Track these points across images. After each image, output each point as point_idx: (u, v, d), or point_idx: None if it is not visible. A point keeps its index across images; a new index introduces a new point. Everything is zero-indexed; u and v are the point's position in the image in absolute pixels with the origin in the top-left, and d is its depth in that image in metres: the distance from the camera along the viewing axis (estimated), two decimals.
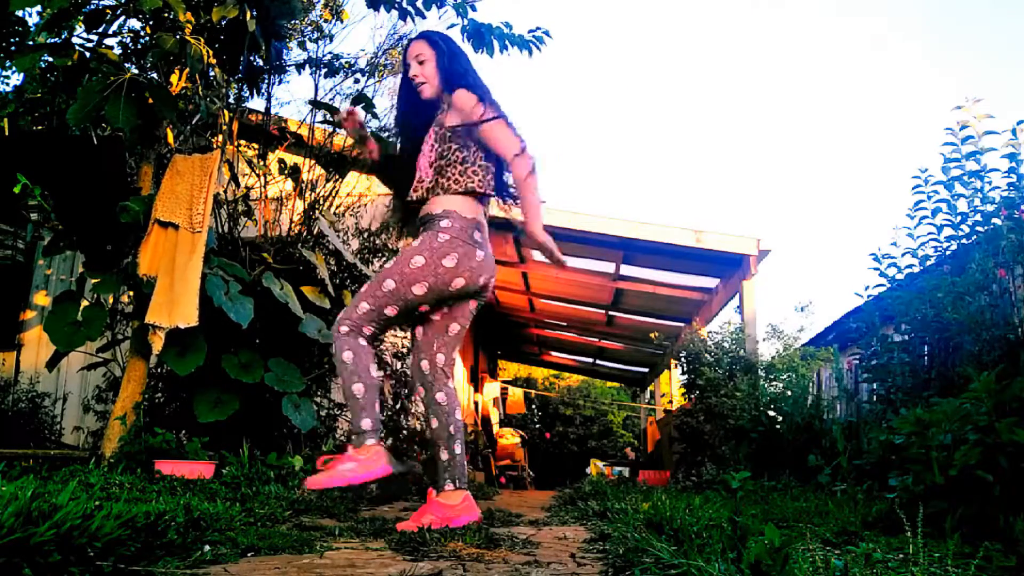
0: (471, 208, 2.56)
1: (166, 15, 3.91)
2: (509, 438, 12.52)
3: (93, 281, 3.71)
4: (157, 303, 3.54)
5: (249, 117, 5.47)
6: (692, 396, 7.16)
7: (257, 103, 10.84)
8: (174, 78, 4.06)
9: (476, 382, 13.49)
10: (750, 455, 5.09)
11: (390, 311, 2.48)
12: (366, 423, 2.45)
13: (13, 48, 4.63)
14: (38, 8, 4.59)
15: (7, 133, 4.38)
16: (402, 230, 2.91)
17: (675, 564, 1.37)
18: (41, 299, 7.46)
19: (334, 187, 5.40)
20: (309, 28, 5.62)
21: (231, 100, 4.80)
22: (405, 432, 6.23)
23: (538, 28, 4.35)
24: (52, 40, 4.12)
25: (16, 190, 3.55)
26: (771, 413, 5.25)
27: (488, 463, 10.61)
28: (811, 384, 5.64)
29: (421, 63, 2.62)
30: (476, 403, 12.99)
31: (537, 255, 2.46)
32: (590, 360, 15.71)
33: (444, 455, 2.57)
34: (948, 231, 3.69)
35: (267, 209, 4.93)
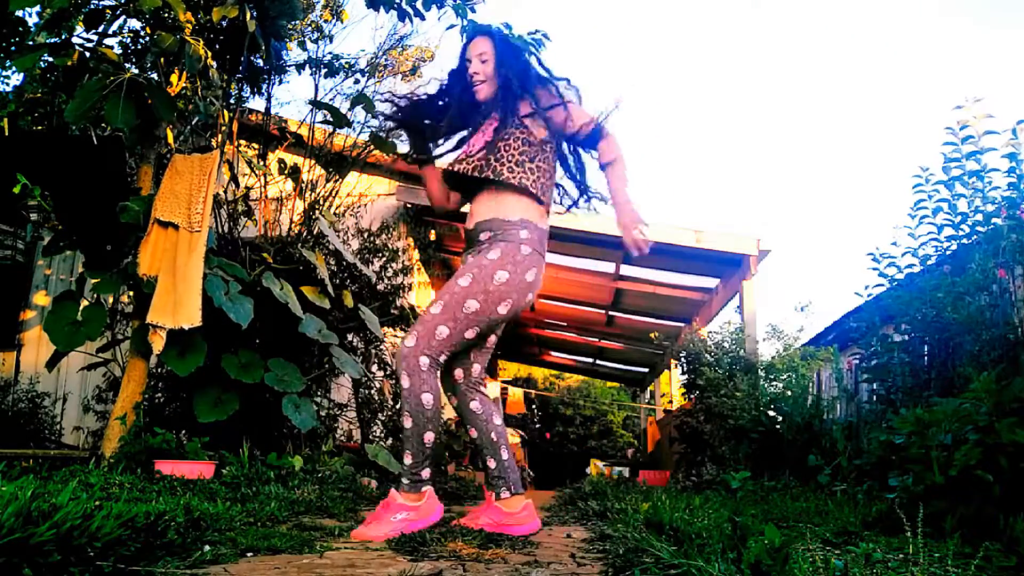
0: (542, 217, 2.48)
1: (166, 15, 3.91)
2: (509, 438, 12.50)
3: (93, 281, 3.71)
4: (159, 303, 3.54)
5: (249, 117, 5.47)
6: (692, 396, 7.16)
7: (257, 103, 10.85)
8: (174, 78, 4.06)
9: None
10: (750, 455, 5.09)
11: (470, 334, 2.34)
12: (427, 472, 2.35)
13: (13, 48, 4.63)
14: (38, 8, 4.59)
15: (7, 133, 4.38)
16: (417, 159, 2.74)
17: (675, 564, 1.37)
18: (41, 299, 7.46)
19: (334, 187, 5.40)
20: (309, 28, 5.63)
21: (231, 100, 4.80)
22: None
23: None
24: (52, 40, 4.12)
25: (16, 190, 3.54)
26: (771, 413, 5.25)
27: None
28: (811, 384, 5.63)
29: (484, 62, 2.53)
30: None
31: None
32: (590, 360, 15.69)
33: (491, 463, 2.46)
34: (948, 231, 3.68)
35: (267, 209, 4.93)
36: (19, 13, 4.49)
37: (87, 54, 3.88)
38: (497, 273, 2.32)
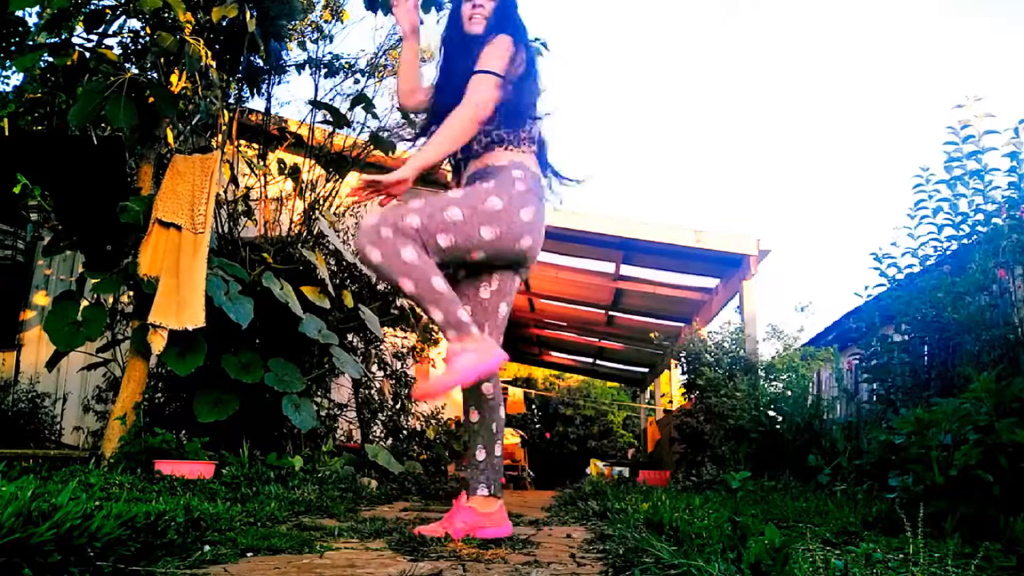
0: (535, 163, 2.36)
1: (166, 15, 3.91)
2: (509, 438, 12.52)
3: (93, 281, 3.71)
4: (161, 304, 3.54)
5: (249, 117, 5.47)
6: (692, 396, 7.16)
7: (257, 103, 10.85)
8: (174, 78, 4.06)
9: None
10: (750, 455, 5.08)
11: (444, 242, 2.11)
12: (464, 315, 2.12)
13: (13, 48, 4.63)
14: (38, 8, 4.59)
15: (7, 133, 4.38)
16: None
17: (675, 564, 1.37)
18: (41, 299, 7.46)
19: (334, 187, 5.40)
20: (309, 28, 5.63)
21: (231, 100, 4.80)
22: (405, 432, 6.24)
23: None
24: (52, 40, 4.12)
25: (16, 190, 3.54)
26: (771, 413, 5.25)
27: None
28: (811, 384, 5.63)
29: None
30: None
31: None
32: (590, 360, 15.70)
33: (481, 455, 2.29)
34: (949, 231, 3.68)
35: (267, 209, 4.93)
36: (19, 13, 4.49)
37: (87, 54, 3.89)
38: (491, 199, 2.18)
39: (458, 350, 2.09)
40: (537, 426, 18.87)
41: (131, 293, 3.92)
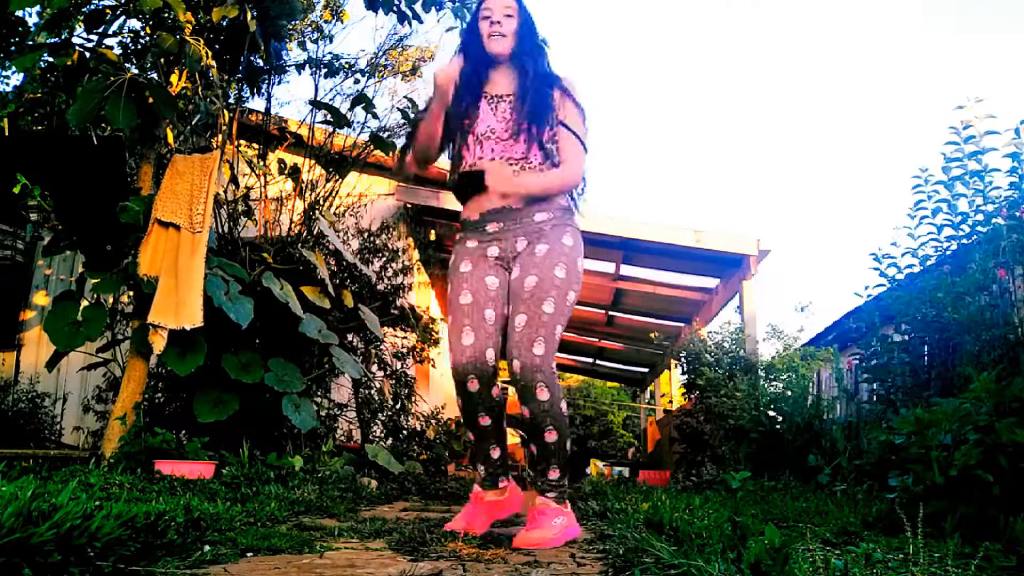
0: (566, 198, 2.42)
1: (166, 15, 3.91)
2: (509, 438, 12.52)
3: (93, 281, 3.71)
4: (160, 303, 3.54)
5: (249, 117, 5.47)
6: (692, 396, 7.16)
7: (257, 103, 10.85)
8: (174, 78, 4.06)
9: None
10: (750, 455, 5.08)
11: (559, 333, 2.29)
12: (566, 481, 2.28)
13: (13, 48, 4.63)
14: (38, 8, 4.59)
15: (7, 133, 4.38)
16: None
17: (675, 564, 1.37)
18: (41, 299, 7.46)
19: (334, 187, 5.40)
20: (309, 28, 5.63)
21: (231, 100, 4.80)
22: (405, 432, 6.23)
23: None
24: (52, 40, 4.12)
25: (16, 190, 3.55)
26: (771, 413, 5.25)
27: None
28: (811, 384, 5.63)
29: (509, 16, 2.40)
30: None
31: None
32: (590, 360, 15.69)
33: (496, 453, 2.43)
34: (948, 231, 3.69)
35: (267, 209, 4.93)
36: (19, 13, 4.49)
37: (87, 54, 3.89)
38: (579, 260, 2.31)
39: (554, 509, 2.20)
40: None
41: (131, 293, 3.92)
